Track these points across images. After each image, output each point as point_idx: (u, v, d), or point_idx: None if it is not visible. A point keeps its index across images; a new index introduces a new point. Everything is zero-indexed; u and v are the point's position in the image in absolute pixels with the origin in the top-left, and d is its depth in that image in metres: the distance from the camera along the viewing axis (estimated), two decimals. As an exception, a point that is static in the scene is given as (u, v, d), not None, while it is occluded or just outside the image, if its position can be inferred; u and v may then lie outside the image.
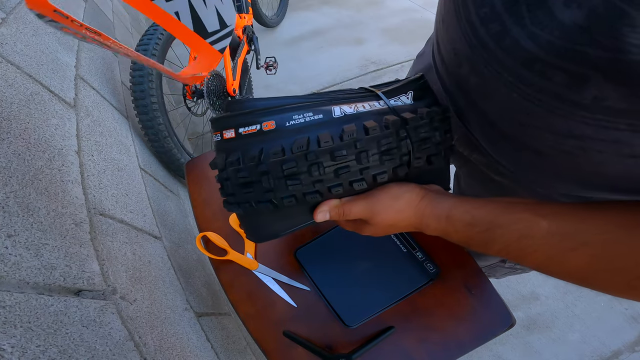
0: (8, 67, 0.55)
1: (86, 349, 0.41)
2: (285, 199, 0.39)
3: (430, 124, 0.42)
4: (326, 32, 2.33)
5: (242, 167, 0.39)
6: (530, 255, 0.35)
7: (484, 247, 0.38)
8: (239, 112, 0.40)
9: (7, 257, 0.38)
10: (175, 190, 1.14)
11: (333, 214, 0.42)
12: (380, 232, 0.45)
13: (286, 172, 0.37)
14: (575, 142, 0.32)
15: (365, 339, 0.53)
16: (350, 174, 0.39)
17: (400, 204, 0.41)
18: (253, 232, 0.45)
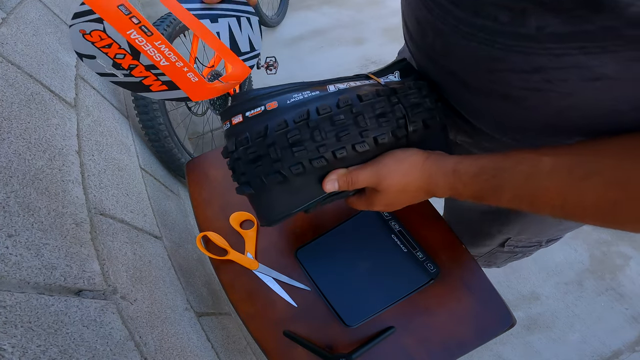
0: (8, 67, 0.55)
1: (87, 348, 0.41)
2: (293, 166, 0.41)
3: (419, 92, 0.45)
4: (326, 31, 2.33)
5: (250, 144, 0.42)
6: (543, 197, 0.34)
7: (495, 198, 0.38)
8: (243, 100, 0.44)
9: (7, 256, 0.38)
10: (175, 190, 1.14)
11: (341, 182, 0.43)
12: (391, 201, 0.45)
13: (291, 140, 0.40)
14: (539, 77, 0.33)
15: (366, 339, 0.53)
16: (351, 137, 0.41)
17: (405, 166, 0.42)
18: (265, 212, 0.46)
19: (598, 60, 0.29)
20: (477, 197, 0.40)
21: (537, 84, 0.34)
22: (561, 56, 0.30)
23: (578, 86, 0.31)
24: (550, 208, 0.35)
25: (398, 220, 0.61)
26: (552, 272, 1.42)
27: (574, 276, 1.42)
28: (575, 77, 0.31)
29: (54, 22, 0.80)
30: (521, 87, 0.36)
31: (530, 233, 0.66)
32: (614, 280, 1.41)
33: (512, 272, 1.42)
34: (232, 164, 0.45)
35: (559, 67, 0.31)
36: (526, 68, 0.33)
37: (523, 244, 0.71)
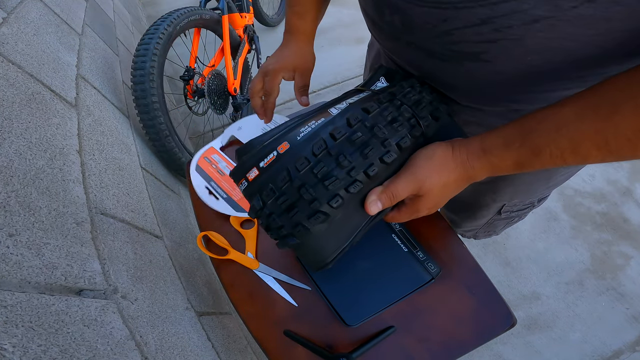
0: (9, 67, 0.55)
1: (87, 348, 0.41)
2: (331, 201, 0.39)
3: (413, 89, 0.46)
4: (327, 31, 2.33)
5: (278, 194, 0.40)
6: (583, 142, 0.34)
7: (537, 160, 0.38)
8: (251, 152, 0.42)
9: (8, 256, 0.38)
10: (176, 190, 1.14)
11: (384, 200, 0.42)
12: (436, 200, 0.45)
13: (319, 175, 0.39)
14: (488, 27, 0.36)
15: (366, 339, 0.53)
16: (376, 150, 0.40)
17: (437, 160, 0.42)
18: (317, 257, 0.44)
19: (527, 3, 0.32)
20: (519, 165, 0.39)
21: (489, 35, 0.36)
22: (498, 4, 0.33)
23: (523, 30, 0.34)
24: (596, 150, 0.34)
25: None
26: (552, 271, 1.42)
27: (574, 276, 1.41)
28: (517, 22, 0.34)
29: (55, 22, 0.80)
30: (477, 41, 0.38)
31: (522, 195, 0.68)
32: (614, 280, 1.41)
33: (513, 272, 1.42)
34: (266, 222, 0.42)
35: (500, 14, 0.34)
36: (475, 21, 0.36)
37: (518, 208, 0.73)
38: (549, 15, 0.32)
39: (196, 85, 1.32)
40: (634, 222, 1.55)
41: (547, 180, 0.64)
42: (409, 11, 0.41)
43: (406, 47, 0.47)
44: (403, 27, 0.44)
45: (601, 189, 1.64)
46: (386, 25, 0.47)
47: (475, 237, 0.91)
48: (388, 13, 0.45)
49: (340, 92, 1.97)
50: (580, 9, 0.30)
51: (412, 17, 0.42)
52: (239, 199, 0.66)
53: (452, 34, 0.39)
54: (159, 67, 1.07)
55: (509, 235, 1.50)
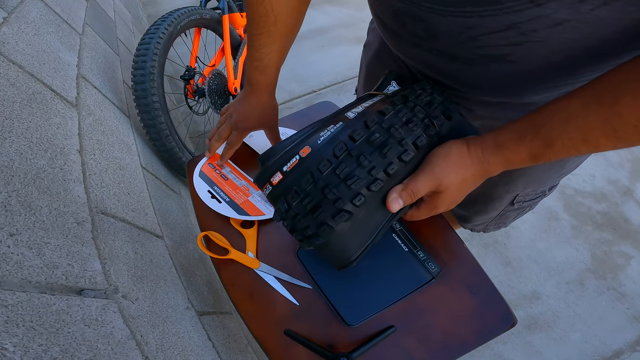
0: (10, 66, 0.55)
1: (88, 347, 0.41)
2: (354, 199, 0.40)
3: (424, 91, 0.48)
4: (327, 31, 2.33)
5: (303, 196, 0.42)
6: (593, 131, 0.36)
7: (550, 151, 0.39)
8: (274, 158, 0.44)
9: (9, 256, 0.38)
10: (176, 189, 1.14)
11: (404, 197, 0.44)
12: (455, 196, 0.46)
13: (342, 175, 0.41)
14: (514, 32, 0.37)
15: (366, 338, 0.53)
16: (394, 150, 0.42)
17: (453, 157, 0.44)
18: (341, 256, 0.45)
19: (549, 8, 0.34)
20: (533, 157, 0.41)
21: (515, 39, 0.38)
22: (522, 11, 0.35)
23: (547, 33, 0.36)
24: (605, 138, 0.36)
25: (399, 219, 0.61)
26: (553, 271, 1.42)
27: (575, 276, 1.41)
28: (541, 26, 0.35)
29: (55, 22, 0.80)
30: (503, 45, 0.39)
31: (536, 184, 0.68)
32: (615, 279, 1.41)
33: (513, 272, 1.42)
34: (291, 224, 0.44)
35: (525, 20, 0.36)
36: (501, 27, 0.37)
37: (530, 197, 0.73)
38: (570, 18, 0.34)
39: (197, 85, 1.32)
40: (635, 222, 1.55)
41: (560, 168, 0.65)
42: (433, 21, 0.42)
43: (427, 53, 0.48)
44: (426, 36, 0.45)
45: (602, 189, 1.64)
46: (407, 35, 0.48)
47: (485, 231, 0.91)
48: (410, 23, 0.45)
49: (340, 91, 1.97)
50: (597, 11, 0.32)
51: (436, 26, 0.42)
52: (242, 202, 0.66)
53: (478, 39, 0.40)
54: (159, 67, 1.07)
55: (510, 235, 1.50)
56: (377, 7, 0.52)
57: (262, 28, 0.56)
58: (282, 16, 0.55)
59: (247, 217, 0.64)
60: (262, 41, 0.57)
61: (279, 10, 0.54)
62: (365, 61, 0.76)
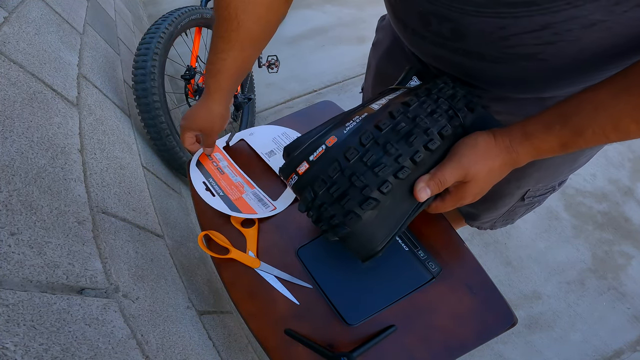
0: (11, 66, 0.55)
1: (89, 347, 0.41)
2: (382, 186, 0.41)
3: (447, 85, 0.48)
4: (328, 30, 2.33)
5: (330, 184, 0.42)
6: (623, 118, 0.37)
7: (581, 139, 0.40)
8: (299, 148, 0.44)
9: (10, 255, 0.38)
10: (177, 189, 1.14)
11: (432, 186, 0.44)
12: (482, 186, 0.46)
13: (369, 163, 0.41)
14: (548, 32, 0.38)
15: (367, 338, 0.54)
16: (419, 138, 0.42)
17: (481, 147, 0.44)
18: (367, 245, 0.45)
19: (586, 10, 0.34)
20: (563, 145, 0.42)
21: (548, 38, 0.39)
22: (558, 12, 0.36)
23: (581, 33, 0.37)
24: (635, 124, 0.37)
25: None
26: (554, 271, 1.42)
27: (575, 275, 1.41)
28: (576, 26, 0.36)
29: (56, 21, 0.80)
30: (535, 44, 0.40)
31: (548, 179, 0.68)
32: (615, 279, 1.41)
33: (514, 271, 1.42)
34: (317, 213, 0.44)
35: (560, 21, 0.36)
36: (535, 27, 0.38)
37: (540, 192, 0.73)
38: (605, 19, 0.35)
39: (197, 85, 1.32)
40: (636, 222, 1.54)
41: (572, 162, 0.65)
42: (464, 21, 0.42)
43: (452, 52, 0.48)
44: (452, 36, 0.45)
45: (602, 189, 1.64)
46: (430, 34, 0.48)
47: (493, 228, 0.90)
48: (436, 23, 0.45)
49: (341, 91, 1.97)
50: (630, 12, 0.34)
51: (466, 27, 0.42)
52: (236, 199, 0.66)
53: (509, 39, 0.41)
54: (160, 66, 1.07)
55: (510, 234, 1.50)
56: (398, 8, 0.51)
57: (222, 32, 0.55)
58: (246, 23, 0.54)
59: (239, 214, 0.64)
60: (220, 46, 0.56)
61: (244, 17, 0.53)
62: (375, 60, 0.76)
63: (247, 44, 0.57)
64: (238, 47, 0.56)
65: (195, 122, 0.65)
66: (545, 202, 1.55)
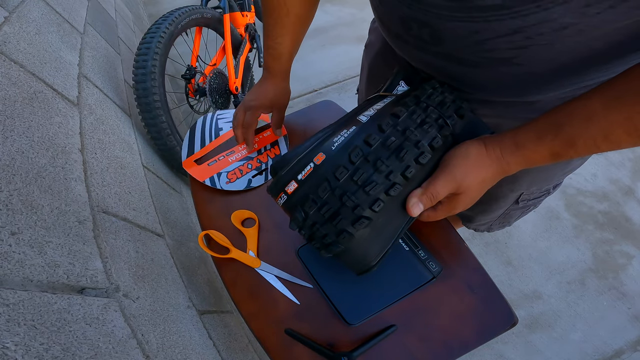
0: (11, 66, 0.55)
1: (89, 346, 0.41)
2: (373, 205, 0.40)
3: (435, 90, 0.47)
4: (328, 30, 2.32)
5: (320, 204, 0.41)
6: (614, 129, 0.37)
7: (572, 149, 0.40)
8: (287, 167, 0.43)
9: (10, 254, 0.39)
10: (177, 188, 1.14)
11: (425, 200, 0.44)
12: (474, 196, 0.46)
13: (359, 181, 0.40)
14: (520, 36, 0.38)
15: (367, 337, 0.54)
16: (410, 153, 0.41)
17: (472, 158, 0.44)
18: (361, 261, 0.45)
19: (555, 13, 0.34)
20: (554, 155, 0.41)
21: (521, 42, 0.38)
22: (528, 15, 0.35)
23: (553, 36, 0.36)
24: (627, 135, 0.37)
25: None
26: (554, 271, 1.42)
27: (576, 275, 1.41)
28: (547, 29, 0.36)
29: (57, 21, 0.80)
30: (509, 48, 0.40)
31: (541, 182, 0.69)
32: (616, 279, 1.40)
33: (514, 271, 1.42)
34: (310, 232, 0.43)
35: (531, 24, 0.36)
36: (507, 31, 0.38)
37: (534, 196, 0.74)
38: (576, 21, 0.34)
39: (197, 84, 1.32)
40: (636, 222, 1.54)
41: (565, 166, 0.65)
42: (440, 26, 0.42)
43: (433, 56, 0.48)
44: (432, 40, 0.45)
45: (603, 188, 1.64)
46: (412, 39, 0.48)
47: (489, 230, 0.91)
48: (416, 27, 0.46)
49: (341, 90, 1.97)
50: (603, 15, 0.33)
51: (442, 31, 0.43)
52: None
53: (484, 43, 0.41)
54: (160, 66, 1.07)
55: (511, 234, 1.50)
56: (381, 12, 0.52)
57: (276, 19, 0.61)
58: (294, 8, 0.60)
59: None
60: (277, 31, 0.63)
61: (292, 3, 0.60)
62: (367, 61, 0.76)
63: (298, 26, 0.64)
64: (291, 30, 0.63)
65: (267, 100, 0.73)
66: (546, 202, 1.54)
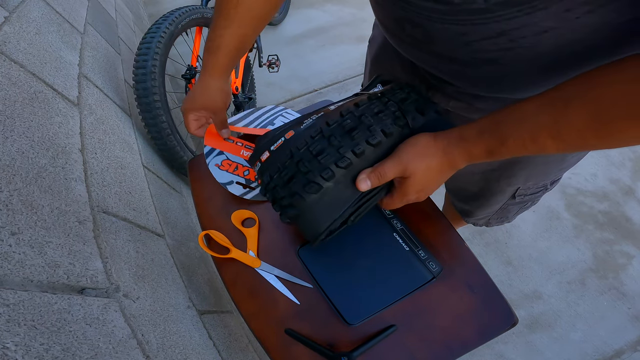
0: (11, 66, 0.55)
1: (89, 347, 0.41)
2: (323, 172, 0.46)
3: (402, 90, 0.53)
4: (329, 29, 2.32)
5: (282, 169, 0.48)
6: (541, 132, 0.39)
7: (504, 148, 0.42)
8: (265, 140, 0.51)
9: (10, 255, 0.39)
10: (178, 188, 1.14)
11: (372, 178, 0.48)
12: (422, 183, 0.49)
13: (314, 152, 0.47)
14: (504, 38, 0.39)
15: (367, 337, 0.54)
16: (361, 133, 0.47)
17: (420, 147, 0.47)
18: (312, 227, 0.50)
19: (537, 17, 0.36)
20: (489, 152, 0.44)
21: (505, 45, 0.40)
22: (511, 19, 0.37)
23: (535, 40, 0.38)
24: (552, 139, 0.39)
25: (400, 218, 0.61)
26: (554, 271, 1.42)
27: (576, 275, 1.41)
28: (529, 33, 0.38)
29: (57, 21, 0.80)
30: (494, 50, 0.42)
31: (537, 177, 0.69)
32: (616, 279, 1.40)
33: (515, 271, 1.42)
34: (272, 194, 0.50)
35: (514, 28, 0.38)
36: (492, 34, 0.40)
37: (531, 191, 0.74)
38: (557, 25, 0.36)
39: (198, 84, 1.31)
40: (637, 222, 1.54)
41: (560, 162, 0.65)
42: (431, 27, 0.44)
43: (427, 54, 0.50)
44: (424, 39, 0.47)
45: (603, 188, 1.64)
46: (407, 38, 0.50)
47: (488, 225, 0.92)
48: (409, 28, 0.48)
49: (341, 90, 1.97)
50: (582, 19, 0.35)
51: (433, 32, 0.45)
52: None
53: (471, 45, 0.43)
54: (160, 66, 1.07)
55: (511, 234, 1.50)
56: (378, 12, 0.55)
57: (222, 9, 0.56)
58: (246, 1, 0.55)
59: None
60: (219, 23, 0.57)
61: None
62: (370, 56, 0.77)
63: (245, 22, 0.58)
64: (236, 24, 0.57)
65: (197, 101, 0.65)
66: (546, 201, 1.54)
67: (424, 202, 0.64)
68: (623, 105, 0.34)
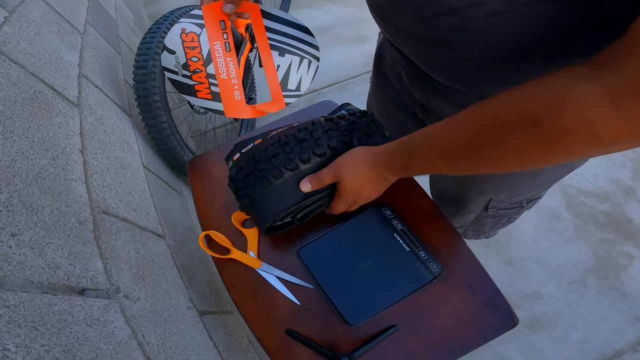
0: (11, 66, 0.55)
1: (90, 348, 0.41)
2: (273, 171, 0.54)
3: (355, 115, 0.61)
4: (329, 29, 2.32)
5: (244, 166, 0.57)
6: (434, 154, 0.42)
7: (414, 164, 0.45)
8: (240, 143, 0.60)
9: (11, 256, 0.38)
10: (178, 189, 1.14)
11: (312, 181, 0.54)
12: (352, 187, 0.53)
13: (269, 154, 0.55)
14: (454, 17, 0.40)
15: (368, 338, 0.54)
16: (310, 145, 0.55)
17: (353, 156, 0.53)
18: (261, 215, 0.57)
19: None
20: (402, 167, 0.47)
21: (455, 25, 0.41)
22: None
23: (484, 22, 0.38)
24: (443, 160, 0.41)
25: (400, 219, 0.61)
26: (555, 271, 1.42)
27: (577, 275, 1.41)
28: (478, 14, 0.38)
29: (57, 21, 0.80)
30: (445, 29, 0.42)
31: (508, 191, 0.70)
32: (617, 279, 1.40)
33: (515, 272, 1.42)
34: (234, 186, 0.58)
35: (463, 7, 0.38)
36: (444, 10, 0.40)
37: (505, 205, 0.75)
38: (505, 10, 0.36)
39: (198, 84, 1.31)
40: (637, 222, 1.54)
41: (532, 178, 0.65)
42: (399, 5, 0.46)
43: (395, 29, 0.52)
44: (390, 10, 0.49)
45: (604, 189, 1.64)
46: (378, 8, 0.52)
47: (464, 236, 0.91)
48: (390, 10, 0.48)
49: (342, 90, 1.97)
50: (532, 6, 0.34)
51: (396, 2, 0.46)
52: None
53: (426, 21, 0.43)
54: (160, 66, 1.07)
55: (512, 234, 1.50)
56: None
57: None
58: None
59: None
60: None
61: None
62: (376, 49, 0.79)
63: None
64: None
65: None
66: (547, 202, 1.54)
67: (425, 202, 0.64)
68: (487, 132, 0.36)
